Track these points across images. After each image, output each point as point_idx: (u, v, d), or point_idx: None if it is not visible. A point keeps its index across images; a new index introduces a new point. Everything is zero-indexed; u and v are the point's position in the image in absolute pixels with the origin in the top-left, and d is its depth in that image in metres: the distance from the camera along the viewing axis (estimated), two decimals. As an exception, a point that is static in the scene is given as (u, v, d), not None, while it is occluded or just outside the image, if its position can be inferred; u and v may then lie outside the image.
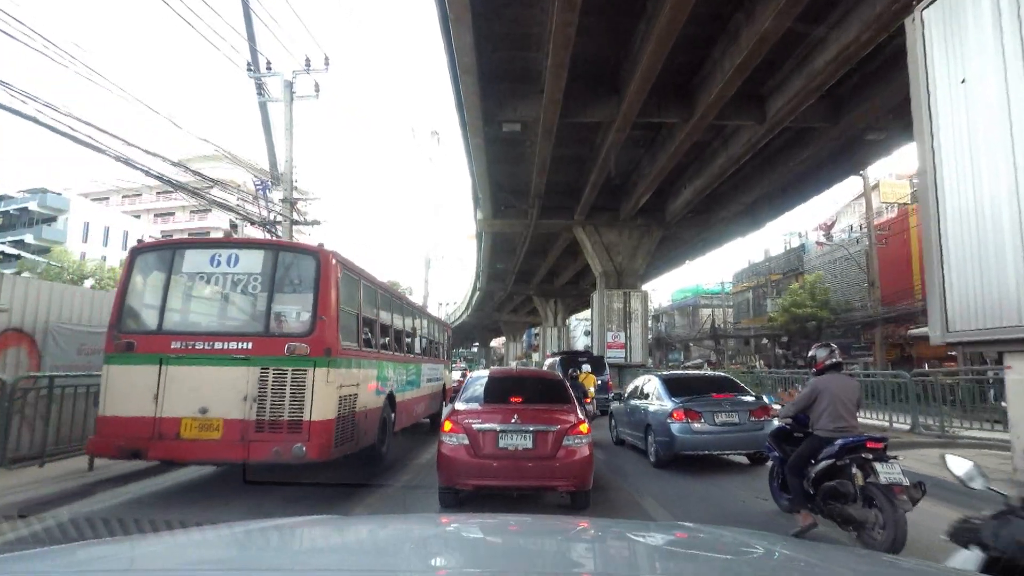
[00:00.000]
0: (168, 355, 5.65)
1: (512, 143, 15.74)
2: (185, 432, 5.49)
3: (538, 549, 1.56)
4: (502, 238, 25.46)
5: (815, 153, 15.08)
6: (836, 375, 4.72)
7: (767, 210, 20.09)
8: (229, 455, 5.52)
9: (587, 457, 5.35)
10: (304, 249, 6.38)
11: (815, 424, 4.61)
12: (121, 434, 5.55)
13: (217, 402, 5.52)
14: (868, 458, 4.15)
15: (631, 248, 20.66)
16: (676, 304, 44.27)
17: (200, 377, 5.60)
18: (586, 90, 12.69)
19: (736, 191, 18.67)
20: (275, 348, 5.66)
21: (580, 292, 35.76)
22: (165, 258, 6.21)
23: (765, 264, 30.80)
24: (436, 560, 1.48)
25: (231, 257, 6.07)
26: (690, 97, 12.59)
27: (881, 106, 12.40)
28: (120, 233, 48.88)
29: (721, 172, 15.75)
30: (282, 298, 6.02)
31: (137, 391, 5.58)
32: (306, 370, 5.61)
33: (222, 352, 5.67)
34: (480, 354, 72.79)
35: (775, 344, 25.61)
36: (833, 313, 20.93)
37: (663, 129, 15.13)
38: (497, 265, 31.51)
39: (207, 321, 6.27)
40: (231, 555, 1.42)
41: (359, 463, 6.80)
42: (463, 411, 5.65)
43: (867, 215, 19.17)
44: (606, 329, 20.14)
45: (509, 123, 12.86)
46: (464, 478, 5.29)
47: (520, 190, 19.02)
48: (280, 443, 5.43)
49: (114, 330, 5.80)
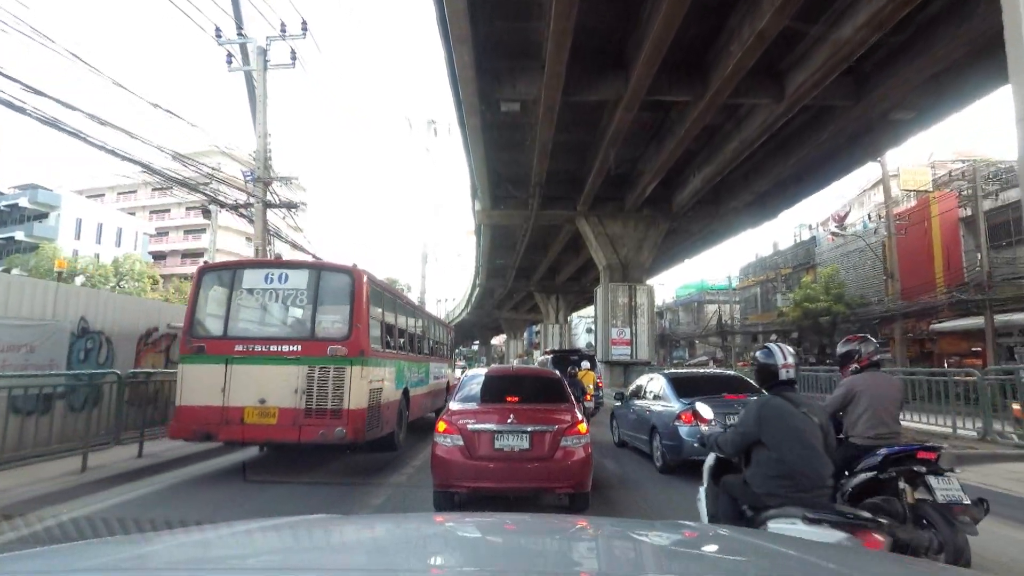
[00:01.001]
0: (233, 356, 6.82)
1: (511, 128, 14.88)
2: (248, 418, 6.62)
3: (537, 548, 1.56)
4: (502, 232, 24.64)
5: (833, 136, 14.15)
6: (875, 373, 4.12)
7: (779, 199, 19.16)
8: (284, 436, 6.66)
9: (586, 458, 5.20)
10: (341, 268, 7.53)
11: (851, 430, 4.01)
12: (196, 420, 6.64)
13: (273, 394, 6.68)
14: (920, 471, 3.49)
15: (636, 240, 19.78)
16: (680, 300, 43.38)
17: (259, 374, 6.77)
18: (590, 66, 11.79)
19: (747, 179, 17.76)
20: (319, 350, 6.82)
21: (582, 288, 34.98)
22: (227, 276, 7.43)
23: (774, 258, 29.86)
24: (435, 559, 1.48)
25: (281, 275, 7.33)
26: (703, 73, 11.68)
27: (909, 82, 11.47)
28: (114, 230, 48.07)
29: (733, 157, 14.84)
30: (324, 309, 7.18)
31: (207, 385, 6.71)
32: (344, 368, 6.77)
33: (276, 354, 6.86)
34: (481, 352, 72.03)
35: (785, 340, 24.70)
36: (848, 307, 19.99)
37: (672, 112, 14.24)
38: (497, 260, 30.70)
39: (263, 328, 7.28)
40: (231, 554, 1.43)
41: (378, 448, 7.71)
42: (458, 411, 5.50)
43: (886, 203, 18.23)
44: (610, 325, 19.25)
45: (508, 102, 11.96)
46: (459, 480, 5.16)
47: (520, 179, 18.15)
48: (325, 427, 6.55)
49: (187, 336, 6.96)
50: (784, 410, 3.04)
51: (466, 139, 14.00)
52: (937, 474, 3.47)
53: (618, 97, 12.11)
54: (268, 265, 8.07)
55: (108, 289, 33.88)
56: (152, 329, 8.97)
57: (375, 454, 7.78)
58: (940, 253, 18.15)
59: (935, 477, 3.44)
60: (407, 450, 8.43)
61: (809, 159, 15.99)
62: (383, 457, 7.83)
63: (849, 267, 22.23)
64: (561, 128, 14.23)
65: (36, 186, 42.26)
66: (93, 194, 55.74)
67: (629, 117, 12.78)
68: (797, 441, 2.99)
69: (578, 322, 57.49)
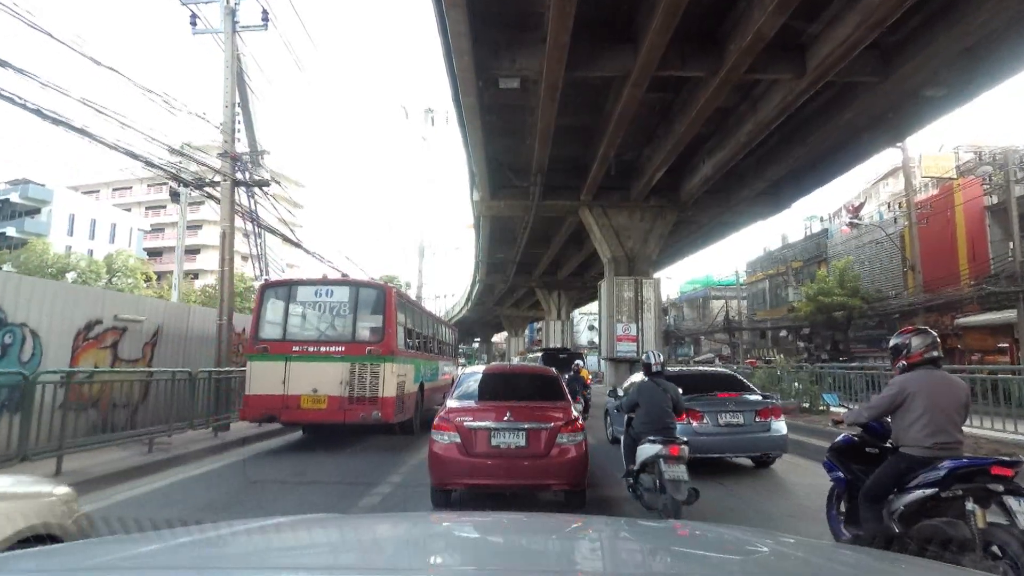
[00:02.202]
0: (291, 355, 8.56)
1: (511, 111, 14.02)
2: (303, 404, 8.33)
3: (536, 547, 1.56)
4: (502, 224, 23.78)
5: (855, 117, 13.23)
6: (932, 372, 3.51)
7: (793, 188, 18.25)
8: (332, 418, 8.46)
9: (582, 455, 5.29)
10: (375, 285, 9.71)
11: (903, 437, 3.48)
12: (262, 406, 8.40)
13: (323, 385, 8.39)
14: (996, 490, 3.00)
15: (643, 232, 18.88)
16: (685, 296, 42.47)
17: (312, 369, 8.46)
18: (596, 39, 10.90)
19: (760, 166, 16.85)
20: (359, 350, 8.62)
21: (584, 284, 34.14)
22: (283, 291, 9.28)
23: (783, 252, 28.91)
24: (435, 559, 1.47)
25: (328, 290, 9.15)
26: (719, 45, 10.77)
27: (941, 55, 10.57)
28: (108, 226, 47.25)
29: (748, 141, 13.92)
30: (362, 317, 9.02)
31: (271, 378, 8.40)
32: (379, 364, 8.55)
33: (325, 353, 8.59)
34: (481, 350, 71.23)
35: (797, 336, 23.80)
36: (864, 302, 19.06)
37: (682, 91, 13.34)
38: (497, 255, 29.84)
39: (315, 333, 8.97)
40: (231, 554, 1.43)
41: (402, 431, 9.48)
42: (455, 409, 5.57)
43: (906, 191, 17.30)
44: (615, 321, 18.36)
45: (507, 78, 11.08)
46: (456, 477, 5.24)
47: (521, 167, 17.27)
48: (364, 411, 8.33)
49: (254, 339, 8.81)
50: (650, 387, 5.44)
51: (462, 121, 13.10)
52: (1017, 494, 2.94)
53: (626, 73, 11.21)
54: (318, 283, 9.63)
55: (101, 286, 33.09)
56: (94, 321, 8.04)
57: (375, 454, 8.65)
58: (964, 243, 17.22)
59: (1015, 498, 2.93)
60: (404, 452, 8.74)
61: (826, 145, 15.09)
62: (389, 449, 8.90)
63: (864, 260, 21.31)
64: (564, 111, 13.36)
65: (27, 181, 41.43)
66: (88, 190, 55.01)
67: (637, 95, 11.87)
68: (654, 406, 5.29)
69: (580, 319, 56.65)
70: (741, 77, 11.25)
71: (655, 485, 4.95)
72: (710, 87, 11.51)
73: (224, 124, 9.52)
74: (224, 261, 10.11)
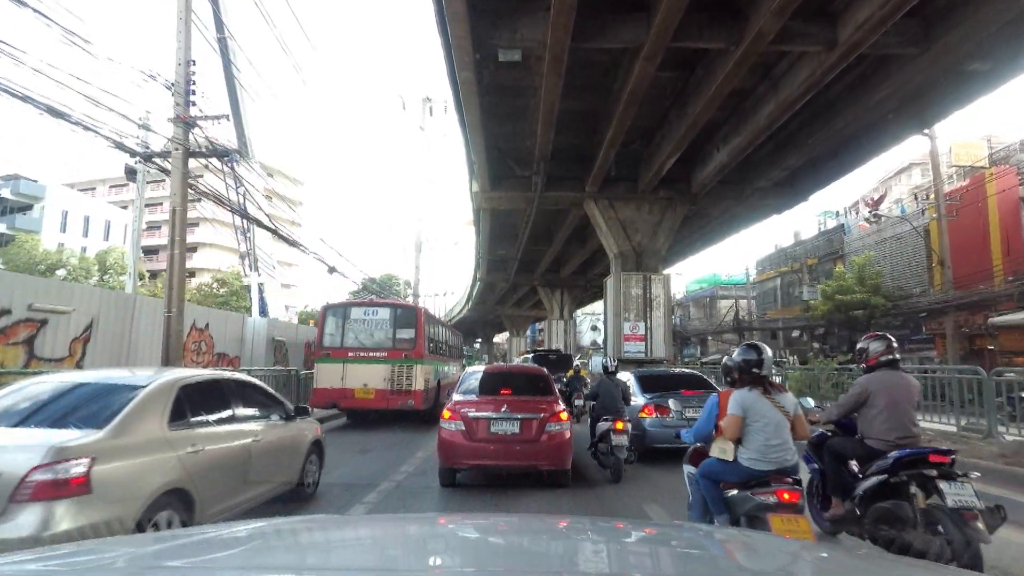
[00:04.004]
0: (347, 358, 11.78)
1: (511, 92, 13.03)
2: (357, 395, 11.56)
3: (537, 549, 1.58)
4: (502, 219, 22.79)
5: (886, 98, 12.17)
6: (892, 373, 4.01)
7: (811, 178, 17.19)
8: (378, 405, 11.66)
9: (566, 441, 6.25)
10: (410, 306, 14.03)
11: (868, 431, 3.99)
12: (326, 396, 11.66)
13: (371, 380, 11.60)
14: (931, 475, 3.48)
15: (652, 225, 17.84)
16: (691, 295, 41.35)
17: (363, 369, 11.67)
18: (605, 6, 9.92)
19: (778, 153, 15.80)
20: (397, 355, 11.86)
21: (588, 283, 33.15)
22: (340, 310, 12.68)
23: (795, 249, 27.78)
24: (435, 559, 1.48)
25: (374, 310, 12.61)
26: (741, 13, 9.75)
27: (988, 24, 9.54)
28: (102, 223, 46.33)
29: (768, 124, 12.86)
30: (399, 330, 12.18)
31: (332, 376, 11.66)
32: (412, 366, 11.76)
33: (372, 357, 11.80)
34: (483, 350, 70.20)
35: (811, 337, 22.70)
36: (888, 300, 17.95)
37: (697, 70, 12.32)
38: (498, 252, 28.87)
39: (365, 341, 12.08)
40: (231, 555, 1.43)
41: (426, 419, 11.62)
42: (460, 401, 6.58)
43: (934, 182, 16.18)
44: (622, 319, 17.32)
45: (507, 50, 10.05)
46: (461, 459, 6.18)
47: (522, 156, 16.29)
48: (401, 400, 11.53)
49: (320, 346, 12.22)
50: (607, 383, 7.63)
51: (459, 101, 12.08)
52: (950, 478, 3.40)
53: (638, 45, 10.19)
54: (366, 303, 13.54)
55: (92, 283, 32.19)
56: (2, 312, 6.94)
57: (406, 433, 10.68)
58: (998, 237, 16.10)
59: (947, 482, 3.38)
60: (428, 433, 9.73)
61: (850, 129, 14.03)
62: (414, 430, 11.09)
63: (884, 256, 20.18)
64: (569, 92, 12.38)
65: (18, 176, 40.52)
66: (85, 187, 54.18)
67: (650, 71, 10.84)
68: (609, 396, 7.40)
69: (582, 319, 55.54)
70: (764, 49, 10.22)
71: (608, 450, 6.88)
72: (729, 62, 10.48)
73: (176, 84, 8.30)
74: (174, 243, 8.95)
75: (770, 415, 3.55)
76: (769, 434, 3.49)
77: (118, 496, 3.23)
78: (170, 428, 3.81)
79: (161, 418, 3.77)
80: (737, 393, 3.60)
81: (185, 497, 3.70)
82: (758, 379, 3.61)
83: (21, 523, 2.80)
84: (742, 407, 3.53)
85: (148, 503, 3.37)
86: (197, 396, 4.24)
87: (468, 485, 6.53)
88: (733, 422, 3.54)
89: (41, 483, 2.89)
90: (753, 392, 3.57)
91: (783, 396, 3.66)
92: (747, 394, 3.57)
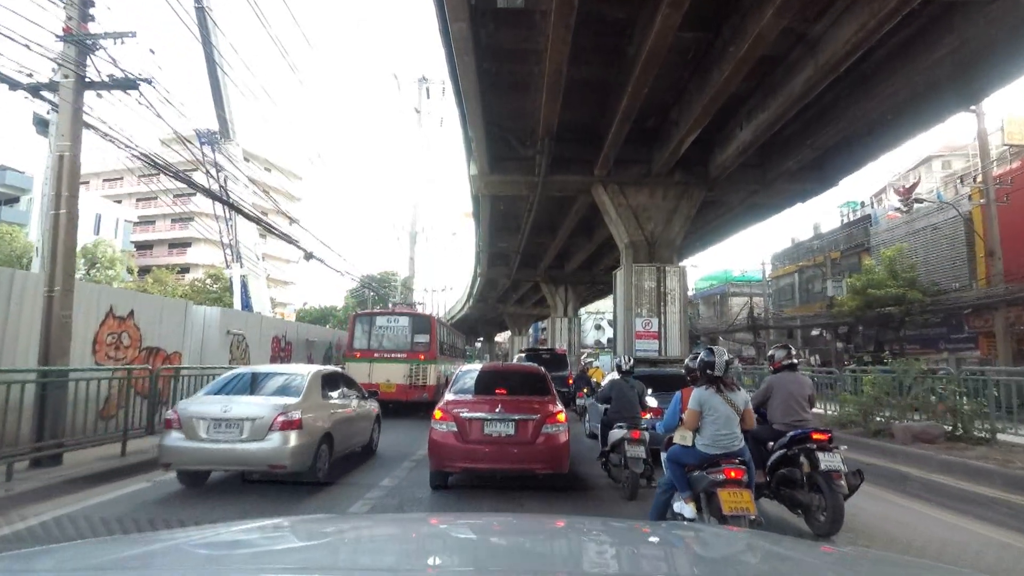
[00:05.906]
0: (373, 359, 15.36)
1: (513, 57, 11.60)
2: (382, 389, 13.92)
3: (536, 549, 1.56)
4: (504, 208, 21.35)
5: (941, 59, 10.65)
6: (789, 373, 5.57)
7: (843, 159, 15.67)
8: (399, 397, 14.80)
9: (564, 443, 6.16)
10: (424, 316, 17.74)
11: (772, 418, 5.37)
12: None
13: (393, 377, 15.08)
14: (813, 448, 4.82)
15: (666, 212, 16.37)
16: (701, 293, 39.79)
17: (387, 367, 15.19)
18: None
19: (806, 132, 14.28)
20: (415, 356, 15.46)
21: (593, 278, 31.70)
22: (367, 319, 16.33)
23: (815, 242, 26.19)
24: (434, 559, 1.47)
25: (396, 318, 16.38)
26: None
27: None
28: (92, 216, 45.01)
29: (803, 93, 11.34)
30: (417, 335, 15.84)
31: (361, 373, 14.05)
32: (427, 365, 15.35)
33: (394, 357, 15.41)
34: (483, 349, 68.82)
35: (834, 335, 21.15)
36: (925, 295, 16.37)
37: (724, 30, 10.84)
38: (499, 244, 27.43)
39: (388, 344, 15.73)
40: (231, 555, 1.43)
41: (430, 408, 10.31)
42: (453, 401, 6.50)
43: (982, 163, 14.63)
44: (634, 315, 15.84)
45: (507, -6, 8.59)
46: (453, 462, 6.07)
47: (525, 133, 14.88)
48: (418, 394, 14.98)
49: (350, 348, 15.81)
50: (621, 384, 6.99)
51: (453, 63, 10.61)
52: (826, 450, 4.78)
53: (660, -10, 8.73)
54: (388, 313, 16.97)
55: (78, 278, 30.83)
56: None
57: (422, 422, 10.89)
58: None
59: (823, 452, 4.76)
60: (402, 453, 9.62)
61: (893, 101, 12.48)
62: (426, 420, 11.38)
63: (917, 248, 18.61)
64: (578, 58, 11.00)
65: (5, 168, 39.28)
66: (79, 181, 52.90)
67: (672, 25, 9.37)
68: (623, 399, 6.78)
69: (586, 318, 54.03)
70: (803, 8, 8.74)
71: (621, 462, 6.28)
72: (767, 13, 9.01)
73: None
74: (60, 199, 6.96)
75: (721, 409, 4.29)
76: (720, 425, 4.24)
77: (309, 431, 6.19)
78: (322, 398, 6.99)
79: (319, 392, 6.95)
80: (696, 391, 4.39)
81: (330, 439, 6.72)
82: (713, 379, 4.35)
83: (275, 439, 5.88)
84: (699, 402, 4.32)
85: (319, 437, 6.42)
86: (327, 381, 7.41)
87: (473, 479, 6.61)
88: (691, 415, 4.34)
89: (284, 422, 5.97)
90: (709, 390, 4.33)
91: (735, 394, 4.38)
92: (703, 392, 4.35)
